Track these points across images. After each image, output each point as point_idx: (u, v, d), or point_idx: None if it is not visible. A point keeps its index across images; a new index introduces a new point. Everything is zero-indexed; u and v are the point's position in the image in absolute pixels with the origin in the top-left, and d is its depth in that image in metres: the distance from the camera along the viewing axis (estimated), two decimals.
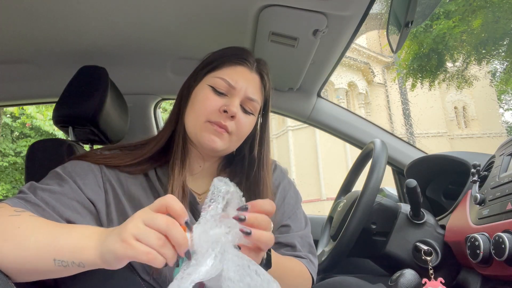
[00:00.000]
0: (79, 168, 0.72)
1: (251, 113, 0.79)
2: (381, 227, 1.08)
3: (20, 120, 8.33)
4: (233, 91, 0.76)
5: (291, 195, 0.89)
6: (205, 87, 0.76)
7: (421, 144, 12.83)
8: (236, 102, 0.75)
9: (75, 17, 1.03)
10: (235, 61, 0.79)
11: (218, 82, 0.76)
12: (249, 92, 0.77)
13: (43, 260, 0.52)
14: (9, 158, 8.56)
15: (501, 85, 9.51)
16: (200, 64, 0.82)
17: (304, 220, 0.89)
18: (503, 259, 0.69)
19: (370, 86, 15.68)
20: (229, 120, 0.74)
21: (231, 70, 0.77)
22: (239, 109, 0.76)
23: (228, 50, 0.82)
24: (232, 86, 0.75)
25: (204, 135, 0.74)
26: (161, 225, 0.48)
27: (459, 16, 7.40)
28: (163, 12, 1.02)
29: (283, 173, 0.91)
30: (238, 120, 0.75)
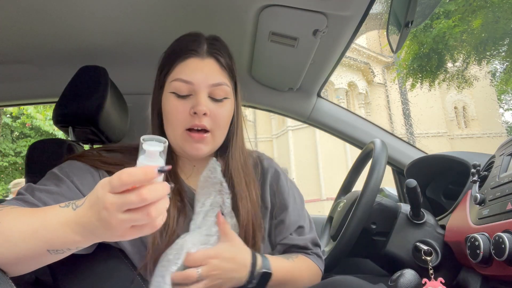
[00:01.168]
0: (76, 167, 0.72)
1: (224, 98, 0.76)
2: (381, 227, 1.08)
3: (20, 120, 8.33)
4: (194, 88, 0.73)
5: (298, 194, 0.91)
6: (169, 95, 0.74)
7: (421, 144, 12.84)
8: (201, 99, 0.72)
9: (75, 17, 1.03)
10: (183, 55, 0.75)
11: (176, 85, 0.73)
12: (210, 79, 0.74)
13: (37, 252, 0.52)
14: (9, 158, 8.56)
15: (501, 85, 9.51)
16: (158, 69, 0.80)
17: (308, 217, 0.91)
18: (503, 259, 0.69)
19: (370, 86, 15.69)
20: (204, 118, 0.72)
21: (182, 67, 0.74)
22: (209, 102, 0.73)
23: (175, 44, 0.79)
24: (190, 83, 0.73)
25: (187, 145, 0.74)
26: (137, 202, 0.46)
27: (459, 16, 7.39)
28: (163, 11, 1.02)
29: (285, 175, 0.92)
30: (212, 114, 0.73)
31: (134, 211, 0.47)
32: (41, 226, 0.52)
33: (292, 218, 0.86)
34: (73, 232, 0.50)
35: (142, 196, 0.45)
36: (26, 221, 0.53)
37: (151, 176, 0.46)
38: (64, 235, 0.51)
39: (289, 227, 0.85)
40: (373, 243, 1.08)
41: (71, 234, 0.51)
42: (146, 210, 0.47)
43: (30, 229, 0.52)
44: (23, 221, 0.53)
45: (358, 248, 1.05)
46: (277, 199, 0.86)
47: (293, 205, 0.87)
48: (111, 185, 0.46)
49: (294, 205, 0.87)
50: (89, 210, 0.49)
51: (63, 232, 0.51)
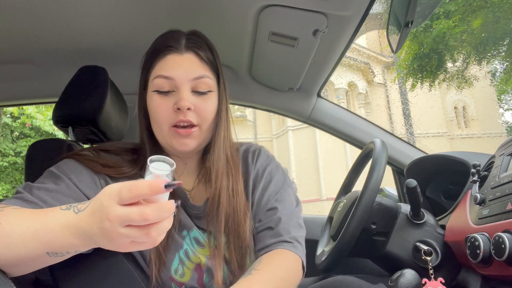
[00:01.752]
0: (73, 166, 0.72)
1: (208, 91, 0.75)
2: (381, 227, 1.07)
3: (20, 120, 8.33)
4: (175, 83, 0.73)
5: (278, 177, 0.86)
6: (152, 94, 0.75)
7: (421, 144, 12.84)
8: (184, 94, 0.72)
9: (75, 17, 1.03)
10: (161, 52, 0.75)
11: (158, 82, 0.74)
12: (190, 73, 0.73)
13: (36, 254, 0.52)
14: (9, 158, 8.56)
15: (501, 85, 9.51)
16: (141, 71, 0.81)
17: (295, 200, 0.86)
18: (503, 259, 0.69)
19: (370, 86, 15.68)
20: (188, 112, 0.72)
21: (162, 63, 0.74)
22: (192, 97, 0.73)
23: (155, 43, 0.79)
24: (170, 78, 0.73)
25: (174, 141, 0.73)
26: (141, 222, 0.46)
27: (459, 16, 7.39)
28: (163, 11, 1.02)
29: (270, 158, 0.89)
30: (196, 108, 0.73)
31: (135, 227, 0.46)
32: (41, 228, 0.52)
33: (260, 201, 0.81)
34: (73, 235, 0.50)
35: (144, 216, 0.45)
36: (27, 223, 0.53)
37: (157, 191, 0.45)
38: (64, 238, 0.51)
39: (257, 213, 0.80)
40: (373, 243, 1.08)
41: (70, 238, 0.50)
42: (146, 229, 0.46)
43: (30, 231, 0.52)
44: (23, 223, 0.53)
45: (358, 248, 1.05)
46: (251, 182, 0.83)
47: (264, 188, 0.82)
48: (120, 197, 0.46)
49: (265, 188, 0.82)
50: (91, 216, 0.49)
51: (63, 235, 0.50)
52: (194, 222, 0.78)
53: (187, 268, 0.74)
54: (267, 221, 0.80)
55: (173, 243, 0.74)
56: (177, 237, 0.75)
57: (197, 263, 0.75)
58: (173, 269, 0.73)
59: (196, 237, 0.77)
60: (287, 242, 0.78)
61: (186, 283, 0.74)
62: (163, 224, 0.47)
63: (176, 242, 0.75)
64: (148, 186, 0.45)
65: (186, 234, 0.77)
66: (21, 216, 0.54)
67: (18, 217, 0.54)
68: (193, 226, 0.78)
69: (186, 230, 0.77)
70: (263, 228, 0.80)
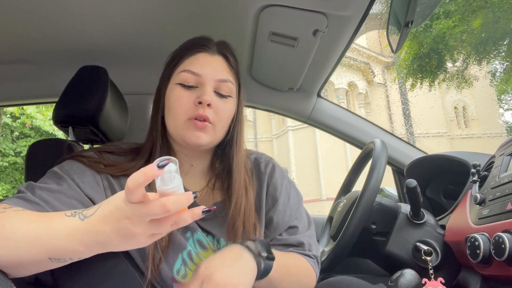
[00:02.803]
0: (76, 166, 0.72)
1: (228, 96, 0.77)
2: (381, 227, 1.08)
3: (20, 120, 8.33)
4: (201, 80, 0.75)
5: (294, 194, 0.88)
6: (175, 86, 0.75)
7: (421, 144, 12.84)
8: (208, 90, 0.74)
9: (75, 17, 1.03)
10: (193, 50, 0.77)
11: (184, 76, 0.75)
12: (217, 75, 0.76)
13: (38, 259, 0.52)
14: (9, 158, 8.56)
15: (501, 85, 9.52)
16: (165, 66, 0.82)
17: (307, 219, 0.88)
18: (503, 259, 0.69)
19: (370, 86, 15.69)
20: (207, 109, 0.73)
21: (192, 59, 0.76)
22: (214, 96, 0.75)
23: (186, 43, 0.81)
24: (197, 75, 0.74)
25: (188, 133, 0.73)
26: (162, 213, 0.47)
27: (459, 16, 7.40)
28: (163, 12, 1.02)
29: (283, 172, 0.90)
30: (215, 107, 0.74)
31: (158, 221, 0.48)
32: (46, 234, 0.51)
33: (281, 217, 0.83)
34: (79, 242, 0.50)
35: (166, 207, 0.46)
36: (30, 227, 0.52)
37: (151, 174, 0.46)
38: (69, 245, 0.50)
39: (278, 227, 0.82)
40: (373, 243, 1.08)
41: (76, 245, 0.50)
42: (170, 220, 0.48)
43: (34, 235, 0.52)
44: (27, 226, 0.53)
45: (358, 248, 1.05)
46: (269, 196, 0.85)
47: (285, 204, 0.84)
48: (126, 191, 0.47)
49: (286, 204, 0.84)
50: (104, 220, 0.49)
51: (68, 242, 0.50)
52: (198, 224, 0.78)
53: (189, 269, 0.74)
54: (289, 238, 0.82)
55: (176, 244, 0.74)
56: (181, 238, 0.75)
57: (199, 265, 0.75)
58: (176, 269, 0.73)
59: (199, 240, 0.77)
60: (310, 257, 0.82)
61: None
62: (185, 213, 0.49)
63: (179, 243, 0.74)
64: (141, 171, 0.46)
65: (190, 236, 0.76)
66: (25, 219, 0.54)
67: (22, 219, 0.54)
68: (197, 228, 0.77)
69: (190, 231, 0.77)
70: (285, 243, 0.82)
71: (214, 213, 0.79)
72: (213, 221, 0.78)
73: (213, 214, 0.79)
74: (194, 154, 0.81)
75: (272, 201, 0.84)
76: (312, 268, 0.82)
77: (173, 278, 0.73)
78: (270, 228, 0.82)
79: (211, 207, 0.50)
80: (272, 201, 0.84)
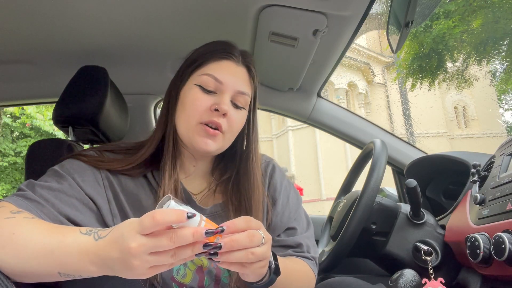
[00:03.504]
0: (77, 165, 0.72)
1: (242, 108, 0.77)
2: (381, 227, 1.08)
3: (20, 120, 8.33)
4: (221, 87, 0.74)
5: (293, 195, 0.88)
6: (193, 87, 0.74)
7: (421, 144, 12.84)
8: (226, 99, 0.73)
9: (75, 17, 1.03)
10: (220, 55, 0.76)
11: (205, 79, 0.74)
12: (238, 86, 0.75)
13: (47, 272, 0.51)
14: (9, 158, 8.56)
15: (501, 85, 9.52)
16: (185, 62, 0.80)
17: (306, 220, 0.88)
18: (503, 259, 0.69)
19: (370, 86, 15.69)
20: (222, 117, 0.72)
21: (216, 65, 0.75)
22: (230, 106, 0.74)
23: (212, 45, 0.80)
24: (220, 82, 0.73)
25: (197, 138, 0.73)
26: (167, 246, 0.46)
27: (459, 16, 7.40)
28: (163, 12, 1.02)
29: (283, 173, 0.90)
30: (230, 117, 0.73)
31: (160, 253, 0.47)
32: (58, 249, 0.51)
33: (280, 219, 0.83)
34: (91, 262, 0.50)
35: (173, 240, 0.46)
36: (43, 239, 0.52)
37: (182, 220, 0.46)
38: (80, 263, 0.50)
39: (276, 228, 0.82)
40: (373, 243, 1.08)
41: (87, 264, 0.50)
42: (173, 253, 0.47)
43: (46, 249, 0.51)
44: (39, 239, 0.52)
45: (358, 248, 1.05)
46: (268, 197, 0.84)
47: (284, 205, 0.84)
48: (142, 226, 0.46)
49: (285, 205, 0.84)
50: (111, 244, 0.48)
51: (80, 261, 0.50)
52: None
53: (188, 269, 0.74)
54: (287, 239, 0.82)
55: None
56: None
57: (199, 265, 0.75)
58: (175, 269, 0.73)
59: None
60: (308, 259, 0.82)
61: (187, 284, 0.74)
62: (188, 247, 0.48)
63: None
64: (175, 213, 0.46)
65: None
66: (38, 229, 0.53)
67: (34, 230, 0.53)
68: None
69: None
70: (283, 245, 0.82)
71: (215, 215, 0.79)
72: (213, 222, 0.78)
73: (214, 215, 0.79)
74: (196, 156, 0.80)
75: (272, 202, 0.84)
76: (312, 270, 0.82)
77: (172, 278, 0.73)
78: (269, 229, 0.82)
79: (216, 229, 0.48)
80: (272, 201, 0.84)
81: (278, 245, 0.82)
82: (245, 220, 0.53)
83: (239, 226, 0.52)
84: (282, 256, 0.79)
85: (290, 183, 0.91)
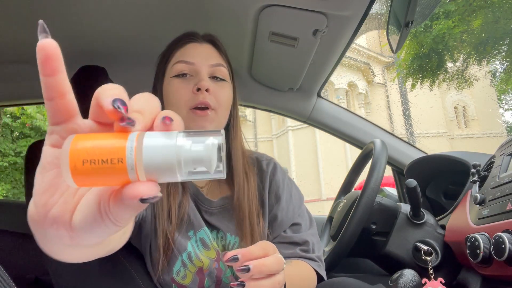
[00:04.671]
0: None
1: (223, 79, 0.78)
2: (381, 227, 1.08)
3: (20, 120, 8.33)
4: (195, 68, 0.76)
5: (295, 192, 0.89)
6: (171, 80, 0.76)
7: (421, 144, 12.84)
8: (204, 76, 0.75)
9: (75, 17, 1.03)
10: (182, 42, 0.79)
11: (177, 67, 0.76)
12: (210, 60, 0.77)
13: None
14: (9, 158, 8.55)
15: (501, 85, 9.53)
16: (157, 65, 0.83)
17: (309, 217, 0.89)
18: (503, 259, 0.69)
19: (370, 86, 15.69)
20: (207, 94, 0.73)
21: (182, 51, 0.78)
22: (210, 82, 0.76)
23: (174, 39, 0.83)
24: (191, 63, 0.76)
25: (192, 125, 0.74)
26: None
27: (459, 16, 7.40)
28: (163, 12, 1.02)
29: (283, 172, 0.91)
30: (214, 92, 0.75)
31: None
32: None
33: (285, 214, 0.83)
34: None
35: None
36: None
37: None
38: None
39: (282, 223, 0.83)
40: (373, 243, 1.08)
41: None
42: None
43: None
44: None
45: (358, 248, 1.05)
46: (271, 194, 0.85)
47: (288, 201, 0.85)
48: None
49: (288, 201, 0.85)
50: None
51: None
52: (204, 219, 0.78)
53: (189, 271, 0.74)
54: (294, 236, 0.82)
55: (177, 246, 0.74)
56: (182, 239, 0.74)
57: (199, 267, 0.75)
58: (175, 271, 0.73)
59: (202, 238, 0.77)
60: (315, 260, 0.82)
61: (187, 285, 0.74)
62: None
63: (179, 244, 0.74)
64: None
65: (192, 235, 0.76)
66: None
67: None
68: (202, 224, 0.77)
69: (193, 230, 0.76)
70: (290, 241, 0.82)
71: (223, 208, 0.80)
72: (219, 216, 0.79)
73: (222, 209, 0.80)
74: None
75: (275, 198, 0.85)
76: (316, 272, 0.81)
77: (172, 279, 0.73)
78: (275, 225, 0.83)
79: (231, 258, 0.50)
80: (275, 198, 0.85)
81: (286, 242, 0.82)
82: (262, 247, 0.53)
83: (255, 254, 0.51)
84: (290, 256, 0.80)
85: (292, 181, 0.92)
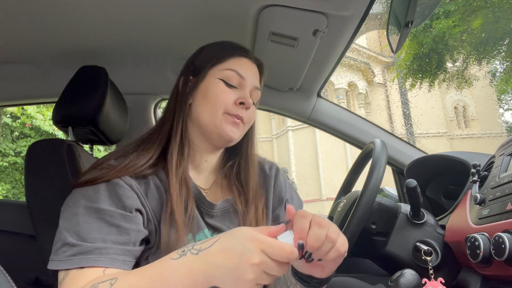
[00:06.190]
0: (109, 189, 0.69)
1: (254, 103, 0.83)
2: (381, 227, 1.07)
3: (20, 120, 8.33)
4: (243, 83, 0.79)
5: (296, 196, 0.92)
6: (216, 81, 0.78)
7: (421, 144, 12.84)
8: (248, 93, 0.80)
9: (75, 17, 1.03)
10: (239, 53, 0.82)
11: (228, 74, 0.78)
12: (255, 82, 0.82)
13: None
14: (9, 158, 8.56)
15: (501, 85, 9.52)
16: (199, 57, 0.83)
17: None
18: (503, 259, 0.69)
19: (370, 86, 15.70)
20: (245, 111, 0.78)
21: (238, 62, 0.81)
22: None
23: (227, 44, 0.85)
24: (242, 77, 0.79)
25: (225, 126, 0.77)
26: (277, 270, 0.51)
27: (459, 16, 7.40)
28: (163, 12, 1.02)
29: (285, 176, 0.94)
30: (249, 110, 0.80)
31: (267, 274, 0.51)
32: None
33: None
34: (194, 280, 0.53)
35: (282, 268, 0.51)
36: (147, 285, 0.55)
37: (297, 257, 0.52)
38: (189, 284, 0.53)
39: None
40: (373, 243, 1.08)
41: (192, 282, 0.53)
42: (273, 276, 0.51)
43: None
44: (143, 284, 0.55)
45: (358, 248, 1.05)
46: (275, 196, 0.88)
47: (290, 203, 0.88)
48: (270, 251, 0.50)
49: (290, 203, 0.88)
50: (222, 253, 0.52)
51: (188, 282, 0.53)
52: (205, 221, 0.78)
53: None
54: None
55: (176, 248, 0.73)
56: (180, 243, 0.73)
57: None
58: None
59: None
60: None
61: None
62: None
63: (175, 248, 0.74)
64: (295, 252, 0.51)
65: (191, 238, 0.75)
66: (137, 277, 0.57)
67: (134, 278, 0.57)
68: (203, 227, 0.77)
69: (192, 233, 0.75)
70: None
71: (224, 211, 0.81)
72: (221, 217, 0.79)
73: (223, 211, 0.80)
74: (209, 149, 0.82)
75: (279, 201, 0.88)
76: None
77: None
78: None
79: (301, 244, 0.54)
80: (279, 200, 0.88)
81: None
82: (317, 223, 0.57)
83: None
84: None
85: (291, 186, 0.95)
